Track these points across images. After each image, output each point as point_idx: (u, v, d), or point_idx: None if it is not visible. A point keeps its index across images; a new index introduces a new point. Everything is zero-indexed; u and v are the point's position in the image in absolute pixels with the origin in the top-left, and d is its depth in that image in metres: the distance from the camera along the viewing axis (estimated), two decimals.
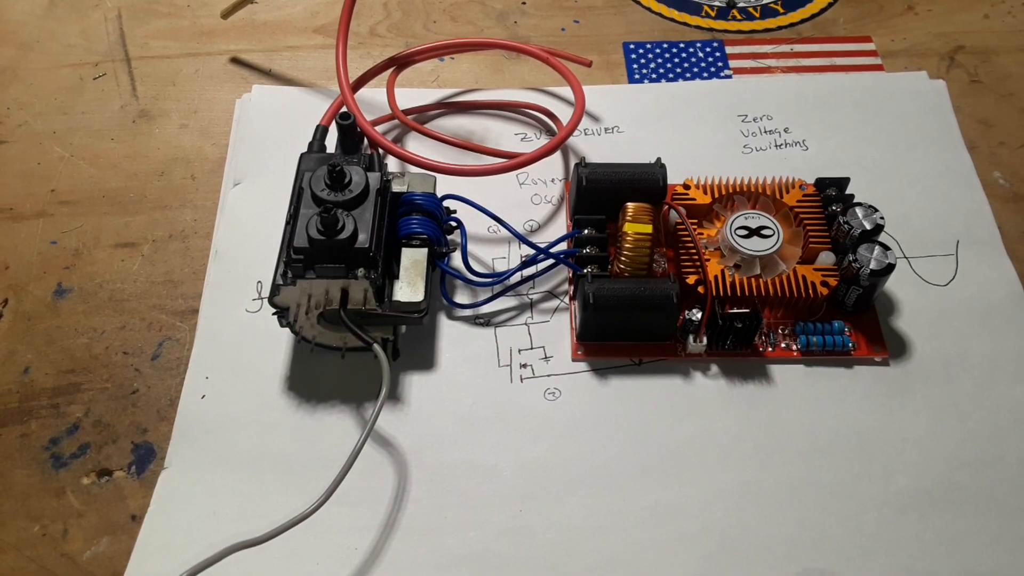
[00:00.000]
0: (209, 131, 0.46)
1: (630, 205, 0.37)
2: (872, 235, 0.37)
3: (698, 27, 0.52)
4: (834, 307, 0.39)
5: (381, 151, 0.41)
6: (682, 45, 0.51)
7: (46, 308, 0.39)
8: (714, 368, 0.37)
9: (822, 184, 0.40)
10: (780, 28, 0.52)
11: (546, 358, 0.38)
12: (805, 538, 0.33)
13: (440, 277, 0.39)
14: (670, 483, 0.34)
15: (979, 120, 0.47)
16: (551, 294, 0.40)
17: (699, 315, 0.37)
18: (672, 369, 0.37)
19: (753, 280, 0.37)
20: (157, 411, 0.36)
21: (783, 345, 0.38)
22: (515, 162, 0.40)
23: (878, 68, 0.50)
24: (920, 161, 0.45)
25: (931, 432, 0.36)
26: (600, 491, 0.34)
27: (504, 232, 0.41)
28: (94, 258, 0.41)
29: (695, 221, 0.39)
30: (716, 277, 0.37)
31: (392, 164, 0.43)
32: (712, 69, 0.50)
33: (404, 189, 0.38)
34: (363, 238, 0.33)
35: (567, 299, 0.40)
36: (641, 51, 0.51)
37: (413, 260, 0.36)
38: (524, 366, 0.38)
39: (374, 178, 0.35)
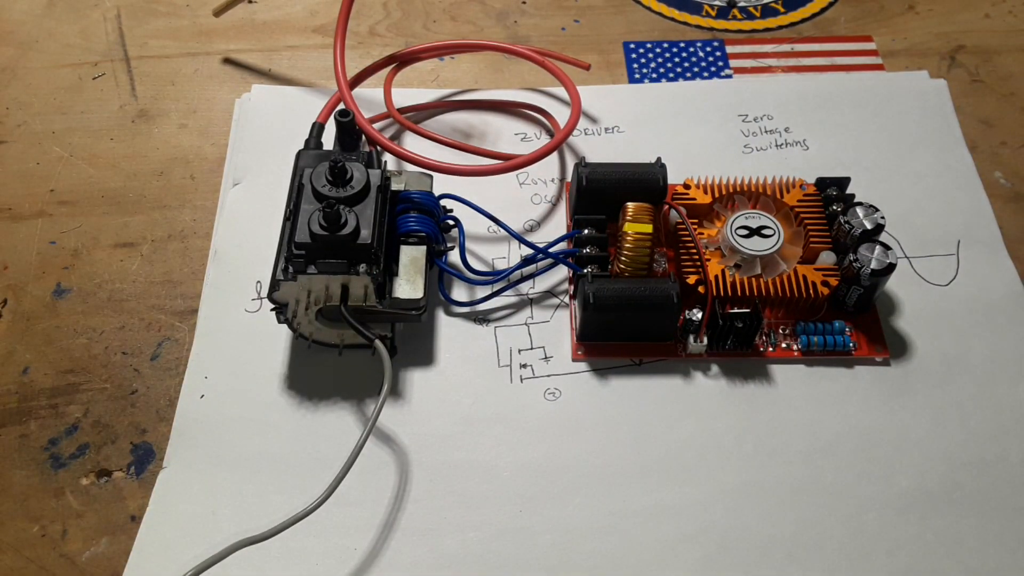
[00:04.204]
0: (208, 131, 0.46)
1: (630, 205, 0.37)
2: (873, 235, 0.37)
3: (698, 26, 0.52)
4: (835, 307, 0.38)
5: (379, 148, 0.41)
6: (682, 45, 0.51)
7: (45, 308, 0.39)
8: (715, 368, 0.37)
9: (823, 184, 0.40)
10: (781, 27, 0.52)
11: (546, 358, 0.38)
12: (805, 538, 0.33)
13: (439, 275, 0.39)
14: (670, 483, 0.34)
15: (980, 120, 0.47)
16: (551, 294, 0.40)
17: (699, 315, 0.36)
18: (672, 369, 0.37)
19: (754, 280, 0.37)
20: (156, 411, 0.36)
21: (784, 345, 0.38)
22: (511, 163, 0.40)
23: (879, 68, 0.50)
24: (921, 161, 0.45)
25: (932, 432, 0.36)
26: (600, 491, 0.34)
27: (505, 231, 0.41)
28: (93, 258, 0.41)
29: (695, 221, 0.39)
30: (716, 277, 0.37)
31: (390, 162, 0.42)
32: (712, 69, 0.49)
33: (401, 188, 0.38)
34: (365, 234, 0.33)
35: (567, 299, 0.40)
36: (641, 51, 0.50)
37: (412, 257, 0.36)
38: (524, 366, 0.37)
39: (375, 175, 0.35)
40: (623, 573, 0.32)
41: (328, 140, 0.40)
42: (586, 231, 0.38)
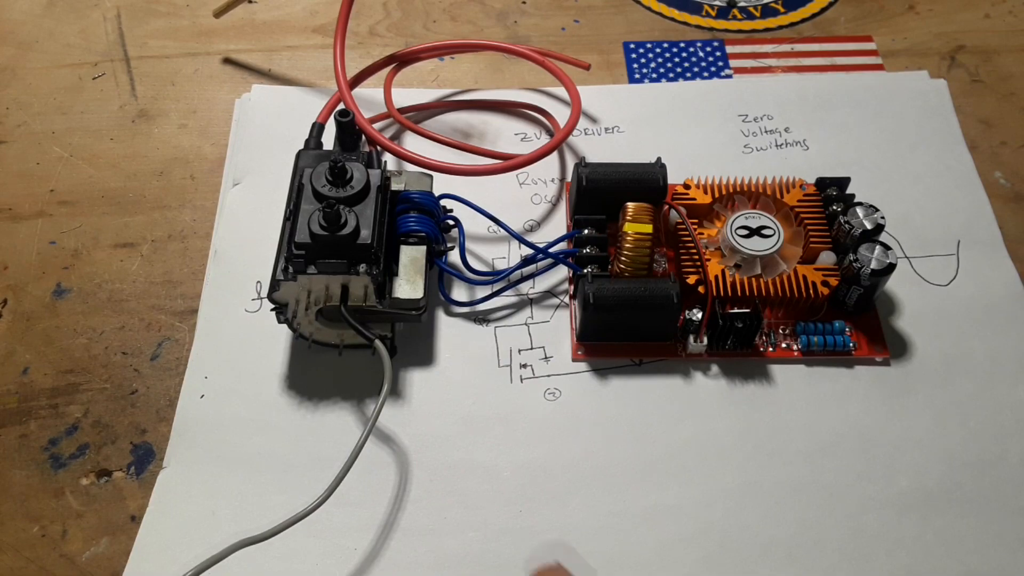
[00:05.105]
0: (208, 131, 0.46)
1: (630, 205, 0.37)
2: (873, 235, 0.37)
3: (698, 27, 0.52)
4: (835, 307, 0.38)
5: (379, 148, 0.41)
6: (682, 45, 0.51)
7: (45, 308, 0.39)
8: (715, 368, 0.37)
9: (823, 184, 0.40)
10: (781, 27, 0.52)
11: (546, 358, 0.38)
12: (805, 538, 0.33)
13: (439, 275, 0.39)
14: (670, 483, 0.34)
15: (980, 120, 0.47)
16: (551, 294, 0.40)
17: (699, 315, 0.36)
18: (672, 369, 0.37)
19: (754, 280, 0.37)
20: (156, 411, 0.36)
21: (784, 345, 0.38)
22: (512, 163, 0.40)
23: (879, 68, 0.50)
24: (921, 161, 0.45)
25: (932, 432, 0.36)
26: (600, 491, 0.34)
27: (505, 231, 0.41)
28: (93, 258, 0.41)
29: (695, 221, 0.39)
30: (716, 277, 0.37)
31: (390, 162, 0.42)
32: (712, 69, 0.49)
33: (401, 188, 0.38)
34: (365, 234, 0.33)
35: (567, 299, 0.40)
36: (641, 51, 0.50)
37: (412, 257, 0.36)
38: (524, 366, 0.37)
39: (375, 175, 0.35)
40: (623, 573, 0.32)
41: (328, 140, 0.40)
42: (586, 231, 0.38)
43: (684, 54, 0.50)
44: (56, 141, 0.46)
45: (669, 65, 0.50)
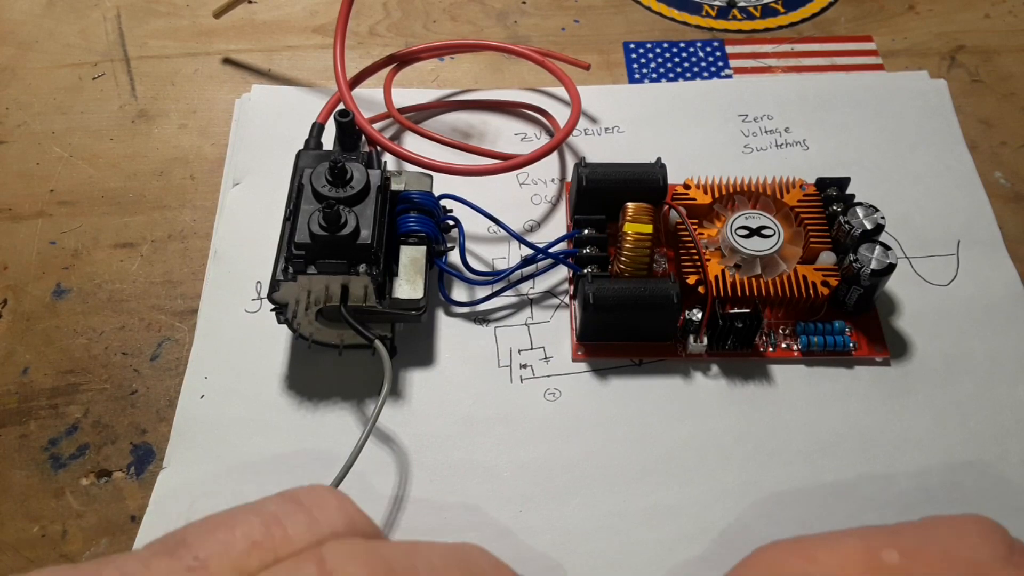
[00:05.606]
0: (208, 131, 0.46)
1: (630, 205, 0.37)
2: (873, 235, 0.37)
3: (698, 27, 0.52)
4: (835, 307, 0.38)
5: (379, 148, 0.41)
6: (682, 45, 0.51)
7: (45, 308, 0.39)
8: (715, 368, 0.37)
9: (823, 184, 0.40)
10: (781, 28, 0.52)
11: (546, 358, 0.38)
12: None
13: (439, 275, 0.39)
14: (670, 483, 0.34)
15: (980, 120, 0.47)
16: (551, 294, 0.40)
17: (699, 315, 0.36)
18: (672, 369, 0.37)
19: (754, 280, 0.37)
20: (156, 411, 0.36)
21: (784, 345, 0.38)
22: (512, 163, 0.40)
23: (879, 68, 0.50)
24: (921, 161, 0.45)
25: (932, 432, 0.36)
26: (600, 492, 0.34)
27: (505, 231, 0.41)
28: (93, 258, 0.41)
29: (695, 221, 0.39)
30: (716, 277, 0.37)
31: (390, 163, 0.42)
32: (712, 69, 0.49)
33: (401, 188, 0.38)
34: (365, 234, 0.33)
35: (567, 299, 0.40)
36: (641, 51, 0.50)
37: (411, 258, 0.36)
38: (524, 366, 0.37)
39: (375, 175, 0.35)
40: (623, 573, 0.32)
41: (328, 140, 0.40)
42: (586, 231, 0.38)
43: (684, 54, 0.50)
44: (56, 141, 0.46)
45: (669, 65, 0.50)
